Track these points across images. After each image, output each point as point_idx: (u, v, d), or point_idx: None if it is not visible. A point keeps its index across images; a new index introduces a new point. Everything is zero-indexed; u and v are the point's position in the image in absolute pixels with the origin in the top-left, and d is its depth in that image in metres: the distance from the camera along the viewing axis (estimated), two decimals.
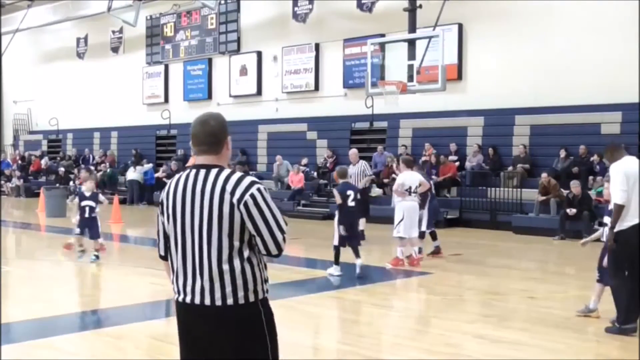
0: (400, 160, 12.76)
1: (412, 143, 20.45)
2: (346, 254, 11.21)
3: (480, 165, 18.54)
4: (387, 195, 19.06)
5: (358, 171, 14.90)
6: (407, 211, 11.29)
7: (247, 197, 3.17)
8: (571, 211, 15.05)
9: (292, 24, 23.79)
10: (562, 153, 17.25)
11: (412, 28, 16.53)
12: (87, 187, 12.25)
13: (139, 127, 28.46)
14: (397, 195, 11.51)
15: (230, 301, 3.17)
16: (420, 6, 16.69)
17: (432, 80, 15.70)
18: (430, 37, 15.88)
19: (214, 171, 3.26)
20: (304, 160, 21.96)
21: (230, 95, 25.95)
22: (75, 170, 28.21)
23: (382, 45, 16.48)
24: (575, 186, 15.18)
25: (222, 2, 25.53)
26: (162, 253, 3.48)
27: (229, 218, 3.17)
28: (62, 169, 28.09)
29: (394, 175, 19.17)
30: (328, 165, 20.99)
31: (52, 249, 13.52)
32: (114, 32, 29.99)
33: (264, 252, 3.23)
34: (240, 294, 3.18)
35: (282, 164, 21.90)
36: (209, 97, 26.67)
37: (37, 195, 22.85)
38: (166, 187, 3.39)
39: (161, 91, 28.32)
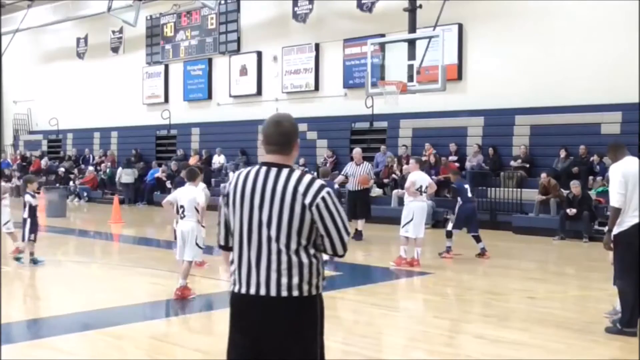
0: (411, 159, 12.78)
1: (412, 143, 20.45)
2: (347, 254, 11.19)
3: (480, 165, 18.54)
4: (387, 195, 19.08)
5: (361, 172, 14.83)
6: (417, 211, 11.33)
7: (318, 200, 3.37)
8: (571, 211, 15.04)
9: (292, 24, 23.79)
10: (562, 153, 17.25)
11: (412, 28, 16.52)
12: (33, 187, 11.74)
13: (139, 127, 28.46)
14: (409, 195, 11.44)
15: (295, 292, 3.37)
16: (420, 6, 16.68)
17: (432, 80, 15.69)
18: (430, 37, 15.87)
19: (285, 171, 3.43)
20: (302, 161, 21.89)
21: (230, 95, 25.95)
22: (76, 171, 28.26)
23: (382, 45, 16.47)
24: (575, 186, 15.18)
25: (222, 2, 25.53)
26: (223, 243, 3.63)
27: (299, 218, 3.36)
28: (62, 169, 28.10)
29: (394, 176, 19.21)
30: (328, 165, 20.98)
31: (52, 249, 13.51)
32: (114, 32, 29.99)
33: (330, 252, 3.44)
34: (305, 287, 3.39)
35: None
36: (209, 97, 26.68)
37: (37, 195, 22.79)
38: (233, 181, 3.54)
39: (161, 91, 28.32)
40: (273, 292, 3.37)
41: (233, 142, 24.48)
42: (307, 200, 3.36)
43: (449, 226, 12.34)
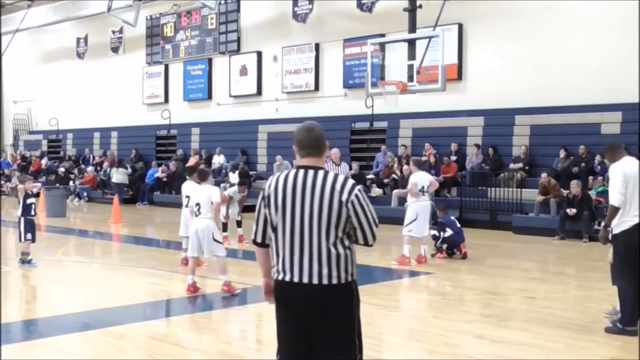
0: (410, 161, 12.86)
1: (412, 143, 20.44)
2: None
3: (480, 165, 18.54)
4: (387, 195, 19.07)
5: (340, 173, 14.82)
6: (420, 211, 11.52)
7: (352, 197, 3.79)
8: (571, 211, 15.03)
9: (292, 24, 23.79)
10: (562, 153, 17.24)
11: (412, 28, 16.53)
12: (31, 185, 11.51)
13: (139, 127, 28.45)
14: (412, 196, 11.63)
15: (334, 281, 3.79)
16: (420, 6, 16.69)
17: (432, 80, 15.70)
18: (430, 37, 15.88)
19: (321, 172, 3.86)
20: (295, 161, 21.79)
21: (230, 95, 25.95)
22: (76, 171, 28.25)
23: (382, 45, 16.48)
24: (575, 186, 15.17)
25: (222, 2, 25.53)
26: (260, 240, 4.00)
27: (337, 213, 3.77)
28: (62, 169, 28.09)
29: (394, 176, 19.21)
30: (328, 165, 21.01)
31: (52, 249, 13.53)
32: (114, 32, 30.00)
33: (362, 242, 3.87)
34: (343, 275, 3.81)
35: (282, 164, 21.88)
36: (209, 97, 26.68)
37: (37, 195, 22.79)
38: (272, 184, 3.93)
39: (161, 91, 28.32)
40: (315, 280, 3.77)
41: (233, 142, 24.46)
42: (344, 197, 3.78)
43: (432, 232, 12.36)
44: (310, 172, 3.85)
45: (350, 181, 3.86)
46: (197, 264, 9.48)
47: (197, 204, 9.11)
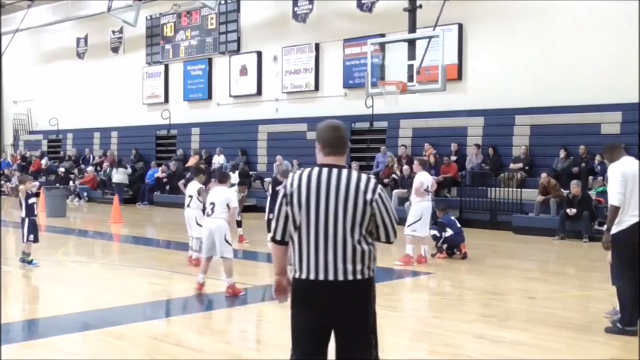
0: (415, 160, 12.86)
1: (412, 143, 20.44)
2: None
3: (480, 165, 18.54)
4: None
5: None
6: (425, 211, 11.56)
7: (376, 196, 3.88)
8: (571, 211, 15.04)
9: (292, 24, 23.80)
10: (562, 153, 17.24)
11: (412, 28, 16.54)
12: (31, 185, 11.43)
13: (139, 127, 28.45)
14: (417, 195, 11.60)
15: (359, 276, 3.88)
16: (420, 6, 16.70)
17: (432, 80, 15.70)
18: (430, 37, 15.88)
19: (345, 171, 3.91)
20: (295, 161, 21.64)
21: (230, 95, 25.95)
22: (76, 171, 28.25)
23: (382, 45, 16.48)
24: (575, 186, 15.17)
25: (222, 2, 25.54)
26: (279, 238, 3.99)
27: (362, 211, 3.84)
28: (62, 169, 28.09)
29: (394, 176, 19.21)
30: None
31: (52, 249, 13.52)
32: (114, 32, 30.00)
33: (384, 239, 3.97)
34: (366, 270, 3.90)
35: (282, 164, 21.86)
36: (209, 97, 26.68)
37: (37, 195, 22.79)
38: (294, 182, 3.92)
39: (161, 91, 28.33)
40: (340, 277, 3.83)
41: (233, 142, 24.47)
42: (368, 197, 3.84)
43: (432, 232, 12.35)
44: (334, 171, 3.88)
45: (373, 180, 3.92)
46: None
47: (212, 204, 9.04)
